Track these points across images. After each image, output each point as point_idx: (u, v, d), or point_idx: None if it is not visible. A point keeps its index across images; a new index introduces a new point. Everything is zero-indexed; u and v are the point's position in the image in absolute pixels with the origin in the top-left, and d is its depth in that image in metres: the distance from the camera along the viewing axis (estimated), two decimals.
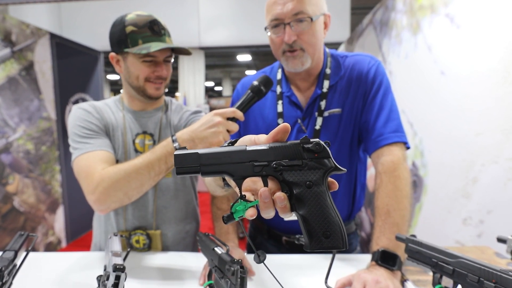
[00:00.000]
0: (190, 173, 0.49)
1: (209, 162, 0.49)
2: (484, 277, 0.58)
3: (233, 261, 0.62)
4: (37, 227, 3.30)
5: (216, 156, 0.49)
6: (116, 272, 0.58)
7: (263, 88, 0.96)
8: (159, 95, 1.11)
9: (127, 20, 1.04)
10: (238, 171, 0.48)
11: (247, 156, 0.48)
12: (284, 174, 0.48)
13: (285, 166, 0.48)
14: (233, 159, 0.49)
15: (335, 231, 0.46)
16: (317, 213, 0.47)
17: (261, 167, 0.48)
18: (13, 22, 3.05)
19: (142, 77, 1.07)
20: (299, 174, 0.48)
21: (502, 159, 1.34)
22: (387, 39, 2.62)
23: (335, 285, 0.84)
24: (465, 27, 1.61)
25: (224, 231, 1.09)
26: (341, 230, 0.46)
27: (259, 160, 0.48)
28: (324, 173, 0.48)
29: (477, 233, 1.47)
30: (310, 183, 0.47)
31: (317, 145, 0.48)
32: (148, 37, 1.03)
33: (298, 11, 0.97)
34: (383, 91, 1.07)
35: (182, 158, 0.49)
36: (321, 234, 0.46)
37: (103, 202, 0.96)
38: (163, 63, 1.07)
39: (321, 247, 0.46)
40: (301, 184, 0.47)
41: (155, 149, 0.96)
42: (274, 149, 0.49)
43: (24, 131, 3.13)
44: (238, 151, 0.49)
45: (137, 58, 1.05)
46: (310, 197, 0.47)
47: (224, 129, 0.91)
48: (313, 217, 0.47)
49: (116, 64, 1.11)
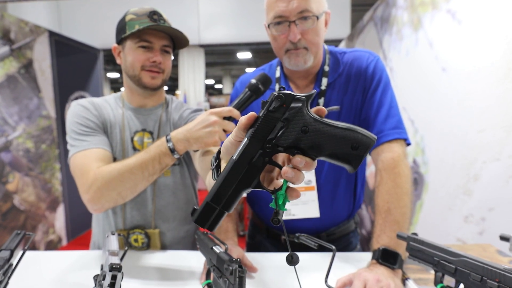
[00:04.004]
0: (218, 220, 0.48)
1: (222, 195, 0.47)
2: (487, 276, 0.57)
3: (232, 260, 0.61)
4: (38, 225, 3.30)
5: (223, 187, 0.47)
6: (112, 272, 0.57)
7: (261, 87, 0.93)
8: (155, 85, 1.09)
9: (128, 11, 1.06)
10: (249, 180, 0.47)
11: (242, 162, 0.47)
12: (280, 142, 0.46)
13: (272, 138, 0.46)
14: (236, 175, 0.47)
15: (355, 137, 0.45)
16: (330, 141, 0.45)
17: (260, 158, 0.47)
18: (11, 20, 3.04)
19: (138, 65, 1.06)
20: (289, 130, 0.46)
21: (504, 156, 1.33)
22: (387, 36, 2.61)
23: (335, 284, 0.83)
24: (466, 23, 1.60)
25: (223, 230, 1.08)
26: (360, 130, 0.45)
27: (253, 155, 0.46)
28: (301, 109, 0.46)
29: (479, 231, 1.46)
30: (304, 128, 0.46)
31: (276, 98, 0.46)
32: (145, 23, 1.02)
33: (303, 9, 0.95)
34: (383, 87, 1.05)
35: (202, 217, 0.48)
36: (350, 150, 0.45)
37: (97, 201, 0.95)
38: (159, 51, 1.06)
39: (361, 158, 0.45)
40: (298, 136, 0.46)
41: (149, 149, 0.95)
42: (253, 136, 0.46)
43: (23, 130, 3.13)
44: (231, 168, 0.47)
45: (133, 44, 1.05)
46: (314, 136, 0.46)
47: (220, 129, 0.89)
48: (330, 148, 0.45)
49: (118, 56, 1.11)
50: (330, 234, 1.15)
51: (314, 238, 0.94)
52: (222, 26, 5.48)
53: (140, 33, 1.03)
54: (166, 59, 1.09)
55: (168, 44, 1.08)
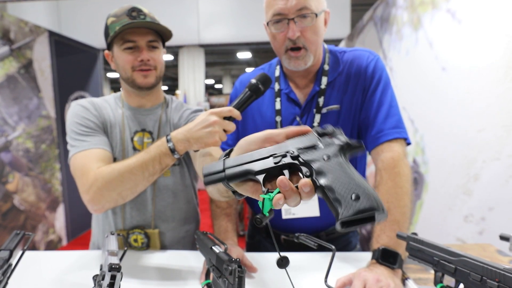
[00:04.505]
0: (217, 180, 0.52)
1: (232, 165, 0.52)
2: (487, 276, 0.57)
3: (231, 260, 0.61)
4: (38, 225, 3.30)
5: (238, 159, 0.53)
6: (111, 272, 0.57)
7: (261, 87, 0.92)
8: (148, 84, 1.07)
9: (109, 15, 1.05)
10: (258, 166, 0.51)
11: (267, 151, 0.52)
12: (301, 156, 0.50)
13: (301, 148, 0.50)
14: (254, 157, 0.52)
15: (364, 191, 0.43)
16: (340, 178, 0.45)
17: (280, 157, 0.51)
18: (11, 20, 3.04)
19: (128, 67, 1.05)
20: (316, 152, 0.50)
21: (504, 155, 1.33)
22: (387, 35, 2.60)
23: (335, 284, 0.83)
24: (466, 22, 1.60)
25: (223, 229, 1.08)
26: (372, 192, 0.43)
27: (277, 153, 0.51)
28: (340, 148, 0.49)
29: (478, 231, 1.46)
30: (328, 156, 0.48)
31: (329, 128, 0.52)
32: (124, 22, 1.00)
33: (302, 6, 0.95)
34: (383, 86, 1.05)
35: (208, 168, 0.54)
36: (349, 197, 0.43)
37: (97, 202, 0.94)
38: (145, 48, 1.04)
39: (354, 211, 0.42)
40: (319, 159, 0.48)
41: (149, 149, 0.95)
42: (291, 141, 0.52)
43: (23, 130, 3.13)
44: (259, 151, 0.53)
45: (119, 47, 1.04)
46: (331, 167, 0.47)
47: (220, 129, 0.88)
48: (336, 183, 0.45)
49: (111, 61, 1.11)
50: (330, 233, 1.15)
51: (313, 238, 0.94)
52: (222, 26, 5.48)
53: (123, 34, 1.02)
54: (155, 55, 1.06)
55: (154, 39, 1.06)
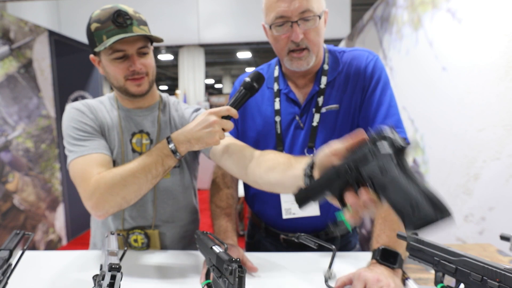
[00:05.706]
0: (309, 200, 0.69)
1: (312, 187, 0.68)
2: (488, 276, 0.57)
3: (231, 260, 0.61)
4: (38, 225, 3.30)
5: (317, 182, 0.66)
6: (111, 272, 0.57)
7: (255, 84, 0.95)
8: (143, 91, 1.05)
9: (92, 18, 0.99)
10: (334, 186, 0.62)
11: (335, 171, 0.61)
12: (360, 170, 0.55)
13: (355, 157, 0.56)
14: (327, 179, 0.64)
15: (418, 202, 0.47)
16: (397, 192, 0.49)
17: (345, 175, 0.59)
18: (11, 19, 3.03)
19: (121, 77, 1.00)
20: (372, 163, 0.53)
21: (504, 155, 1.33)
22: (387, 35, 2.60)
23: (335, 284, 0.83)
24: (466, 22, 1.60)
25: (222, 229, 1.08)
26: (429, 197, 0.46)
27: (342, 170, 0.60)
28: (391, 158, 0.52)
29: (479, 230, 1.46)
30: (384, 169, 0.51)
31: (383, 132, 0.54)
32: (111, 31, 0.95)
33: (305, 9, 0.95)
34: (382, 86, 1.05)
35: (302, 195, 0.69)
36: (409, 211, 0.48)
37: (101, 207, 0.93)
38: (136, 56, 0.99)
39: (417, 223, 0.47)
40: (376, 174, 0.52)
41: (151, 152, 0.94)
42: (348, 159, 0.59)
43: (23, 129, 3.12)
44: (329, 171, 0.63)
45: (107, 57, 0.98)
46: (387, 182, 0.51)
47: (219, 128, 0.89)
48: (394, 198, 0.50)
49: (98, 66, 1.06)
50: (329, 233, 1.15)
51: (314, 238, 0.94)
52: (222, 26, 5.48)
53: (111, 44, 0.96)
54: (146, 61, 1.02)
55: (143, 45, 1.00)
